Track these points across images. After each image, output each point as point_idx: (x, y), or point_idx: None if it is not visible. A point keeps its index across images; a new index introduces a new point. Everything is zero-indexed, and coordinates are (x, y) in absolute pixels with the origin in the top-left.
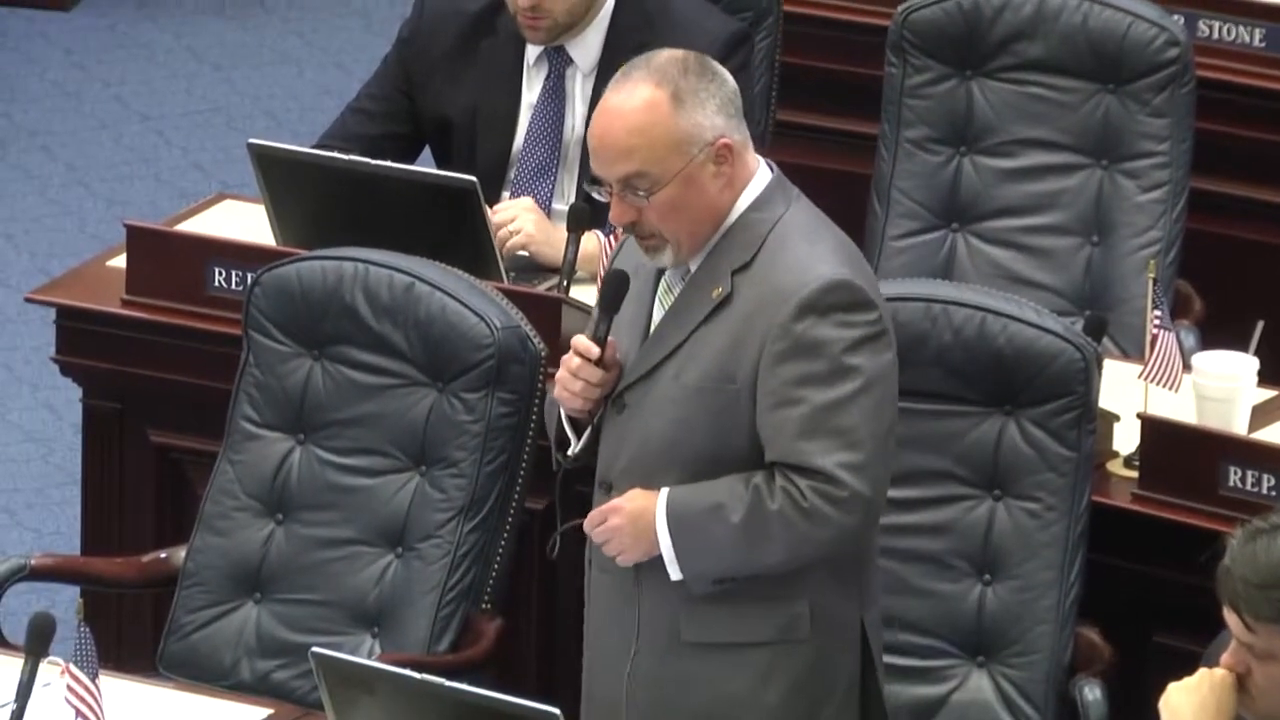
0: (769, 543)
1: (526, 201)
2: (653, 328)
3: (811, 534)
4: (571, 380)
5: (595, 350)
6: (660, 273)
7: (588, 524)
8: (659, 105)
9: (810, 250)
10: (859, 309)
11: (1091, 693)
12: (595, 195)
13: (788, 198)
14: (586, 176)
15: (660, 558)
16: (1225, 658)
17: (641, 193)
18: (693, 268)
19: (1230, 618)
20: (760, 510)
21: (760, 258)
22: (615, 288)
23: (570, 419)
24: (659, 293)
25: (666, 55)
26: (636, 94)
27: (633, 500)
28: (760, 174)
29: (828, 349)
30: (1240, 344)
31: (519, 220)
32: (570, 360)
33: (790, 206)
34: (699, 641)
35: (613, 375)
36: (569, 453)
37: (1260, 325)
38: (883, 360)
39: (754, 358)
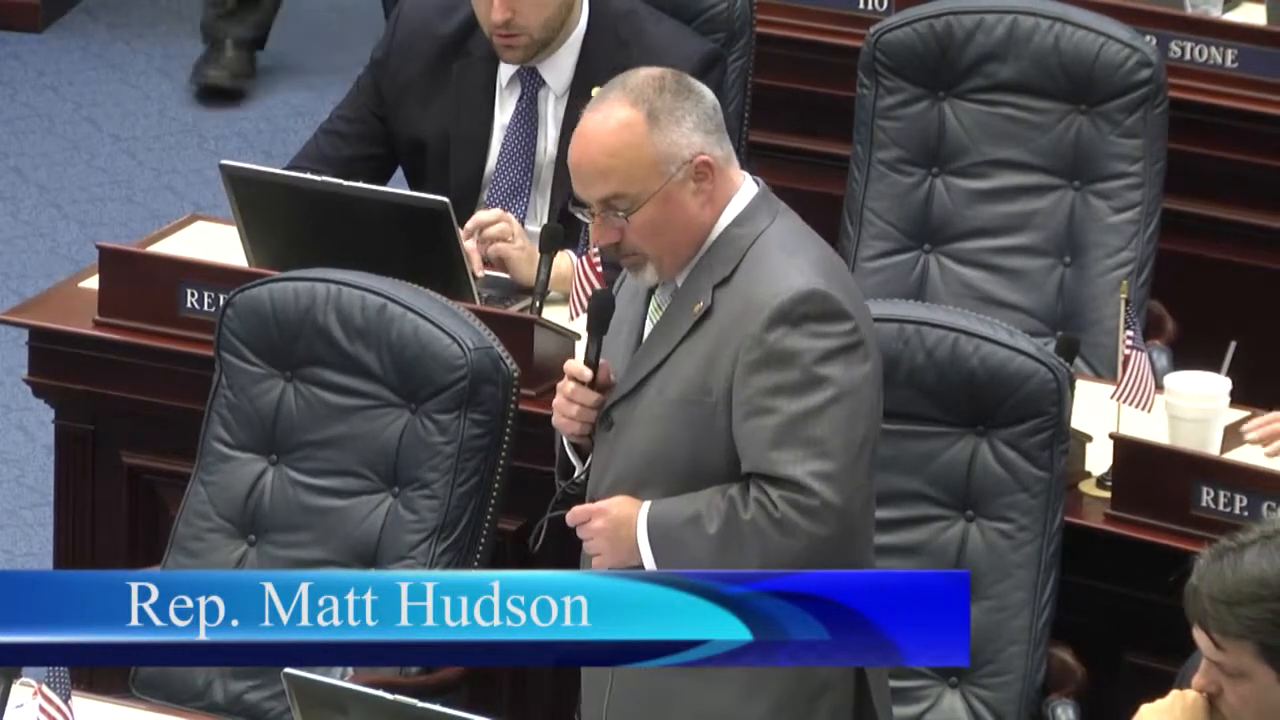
0: (743, 553)
1: (509, 217)
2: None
3: (783, 544)
4: (567, 405)
5: (587, 373)
6: (652, 292)
7: (571, 517)
8: (635, 125)
9: (787, 261)
10: (832, 319)
11: (1064, 713)
12: (579, 216)
13: (772, 212)
14: (560, 198)
15: (640, 568)
16: (1196, 679)
17: (621, 213)
18: (679, 284)
19: (1199, 637)
20: (734, 521)
21: (739, 271)
22: (600, 309)
23: (574, 444)
24: (649, 311)
25: (644, 74)
26: (612, 115)
27: (619, 507)
28: (745, 189)
29: (800, 359)
30: (1213, 364)
31: (507, 225)
32: (564, 385)
33: (774, 221)
34: None
35: (606, 397)
36: (574, 478)
37: (1233, 346)
38: (857, 371)
39: (728, 369)
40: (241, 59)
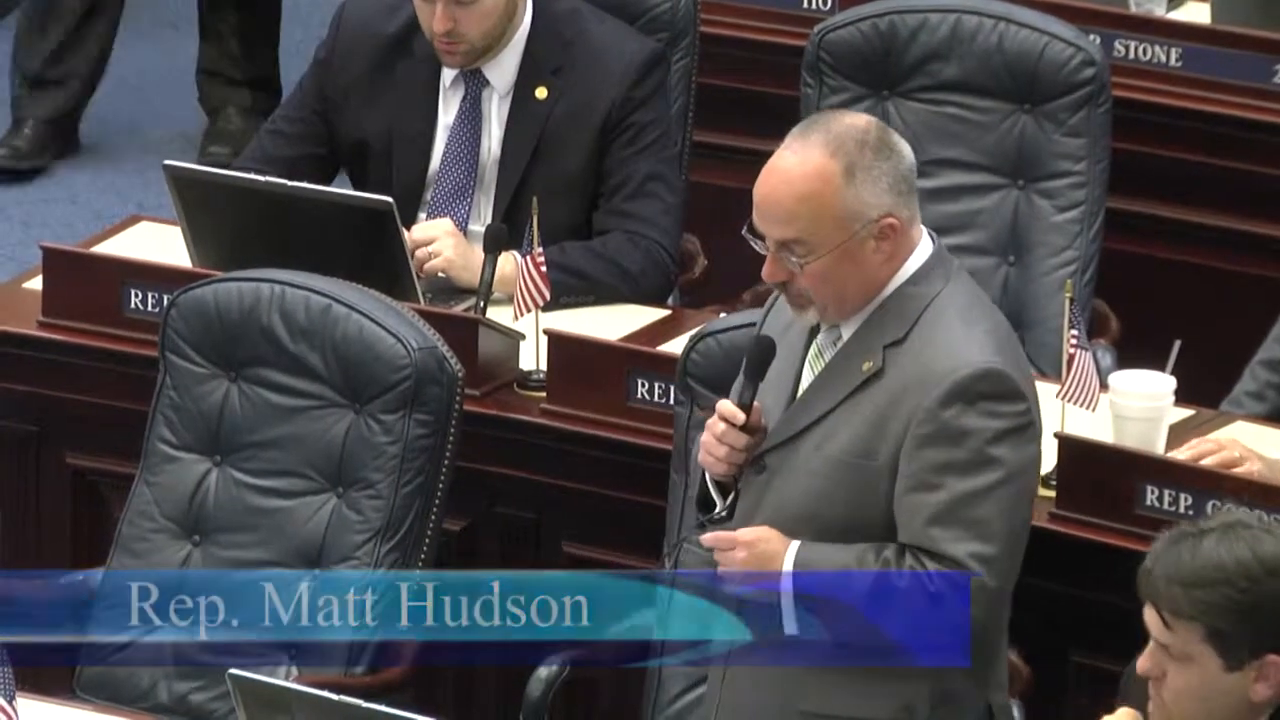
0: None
1: (446, 224)
2: (800, 391)
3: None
4: (716, 445)
5: (741, 416)
6: (812, 334)
7: (712, 541)
8: (829, 177)
9: (965, 333)
10: (1008, 399)
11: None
12: (753, 245)
13: (947, 272)
14: (504, 198)
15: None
16: (1141, 661)
17: (796, 259)
18: (845, 334)
19: (1150, 616)
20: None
21: (914, 334)
22: (762, 354)
23: (716, 481)
24: (809, 356)
25: (849, 123)
26: (809, 160)
27: (767, 543)
28: (922, 246)
29: (972, 438)
30: (1157, 363)
31: (439, 243)
32: (715, 425)
33: (949, 282)
34: (815, 712)
35: (758, 440)
36: (714, 514)
37: (1178, 344)
38: (1026, 453)
39: (898, 438)
40: (40, 138)
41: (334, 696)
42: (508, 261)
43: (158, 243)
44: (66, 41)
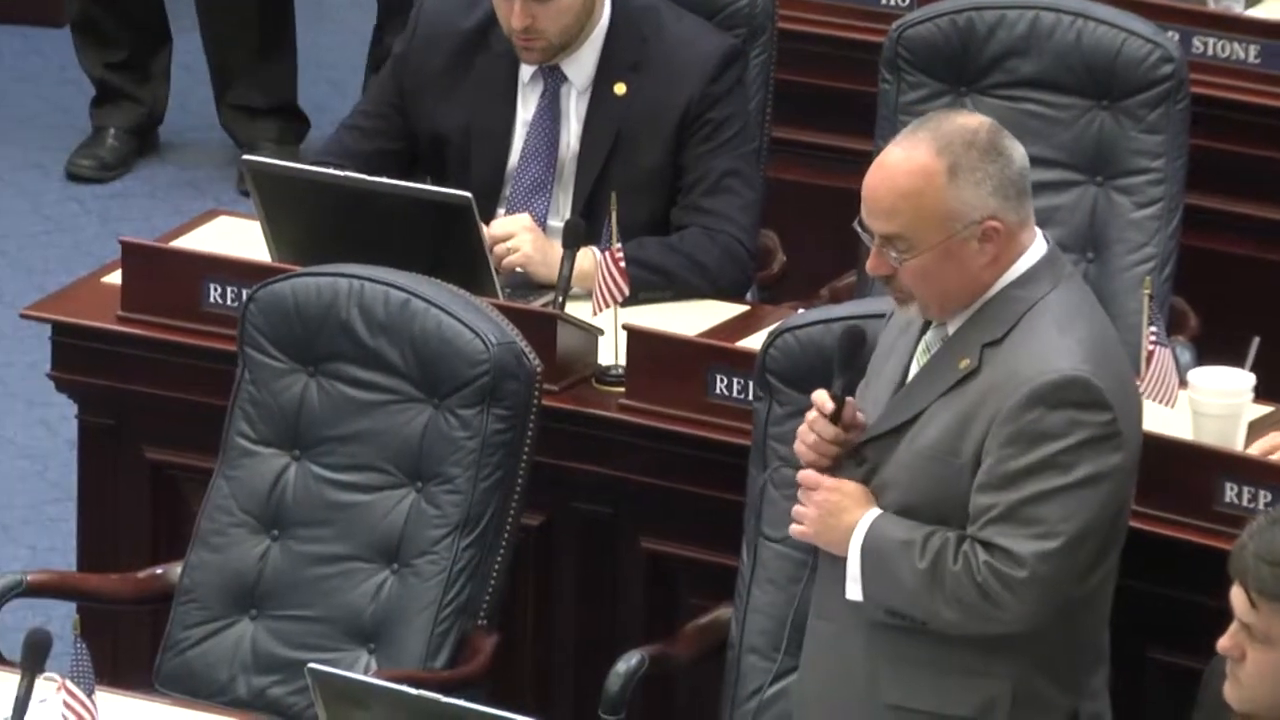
0: (941, 598)
1: (524, 219)
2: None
3: (981, 607)
4: (807, 433)
5: (829, 406)
6: (924, 329)
7: (801, 476)
8: (933, 175)
9: (1058, 339)
10: (1091, 409)
11: None
12: (862, 238)
13: (1055, 277)
14: (583, 193)
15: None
16: (1223, 640)
17: (895, 254)
18: (950, 331)
19: (1236, 595)
20: (941, 564)
21: (1011, 336)
22: (850, 345)
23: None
24: (917, 351)
25: (960, 123)
26: (915, 156)
27: (850, 498)
28: (1034, 248)
29: (1050, 443)
30: (1236, 360)
31: (517, 239)
32: (810, 414)
33: (1056, 287)
34: (898, 704)
35: (854, 436)
36: None
37: (1256, 341)
38: (1105, 462)
39: (980, 437)
40: (124, 147)
41: (412, 691)
42: (586, 257)
43: (236, 237)
44: (133, 54)
